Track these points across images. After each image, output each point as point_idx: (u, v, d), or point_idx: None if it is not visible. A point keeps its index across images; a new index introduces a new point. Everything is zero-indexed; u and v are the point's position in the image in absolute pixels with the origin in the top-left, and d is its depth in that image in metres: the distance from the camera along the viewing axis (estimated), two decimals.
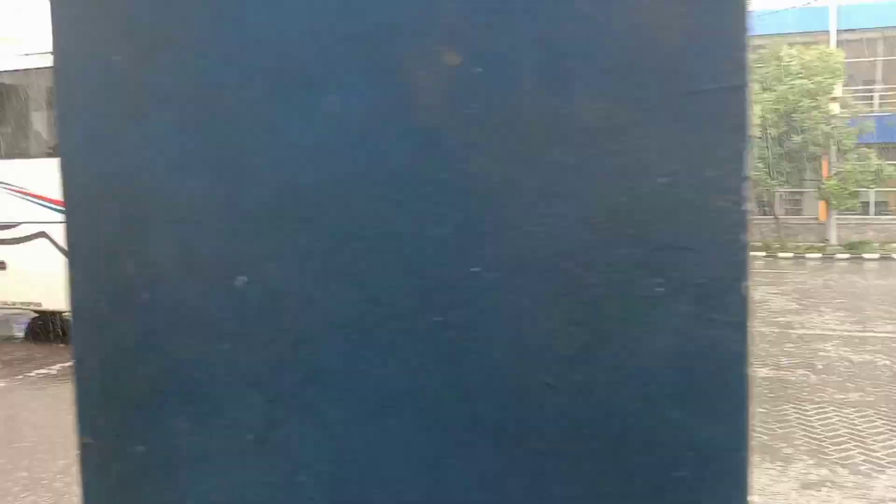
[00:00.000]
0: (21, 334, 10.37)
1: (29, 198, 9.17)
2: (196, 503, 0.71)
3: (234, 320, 0.68)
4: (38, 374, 7.64)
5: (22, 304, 9.59)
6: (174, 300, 0.70)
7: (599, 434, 0.64)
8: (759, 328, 9.04)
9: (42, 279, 8.86)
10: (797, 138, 19.98)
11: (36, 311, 10.17)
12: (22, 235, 9.24)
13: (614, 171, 0.63)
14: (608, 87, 0.63)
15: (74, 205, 0.73)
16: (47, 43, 0.70)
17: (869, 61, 23.24)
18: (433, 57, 0.64)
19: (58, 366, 7.99)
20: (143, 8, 0.69)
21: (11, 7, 14.47)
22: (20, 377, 7.51)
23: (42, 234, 9.13)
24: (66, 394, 6.73)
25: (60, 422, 5.94)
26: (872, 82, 23.52)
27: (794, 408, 6.01)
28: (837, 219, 21.78)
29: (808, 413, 5.86)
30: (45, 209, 9.00)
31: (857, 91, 22.63)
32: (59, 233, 8.46)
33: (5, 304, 9.80)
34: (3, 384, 7.27)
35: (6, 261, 9.43)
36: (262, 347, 0.68)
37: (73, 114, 0.72)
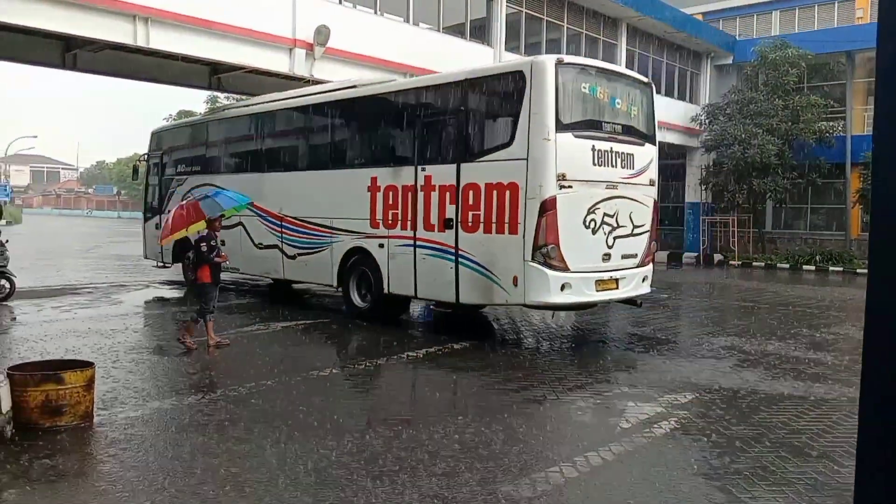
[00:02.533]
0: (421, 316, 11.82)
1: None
2: None
3: None
4: (408, 356, 8.57)
5: (230, 269, 13.04)
6: None
7: None
8: None
9: (241, 254, 13.14)
10: None
11: (273, 280, 13.96)
12: (230, 224, 12.41)
13: None
14: None
15: (887, 205, 0.73)
16: None
17: None
18: None
19: (423, 350, 8.87)
20: None
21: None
22: (394, 357, 8.49)
23: (240, 224, 13.11)
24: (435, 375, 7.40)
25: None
26: None
27: None
28: None
29: None
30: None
31: None
32: (250, 224, 13.01)
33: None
34: (382, 362, 8.28)
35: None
36: None
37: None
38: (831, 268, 23.22)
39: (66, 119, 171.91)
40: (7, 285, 12.40)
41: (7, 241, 12.67)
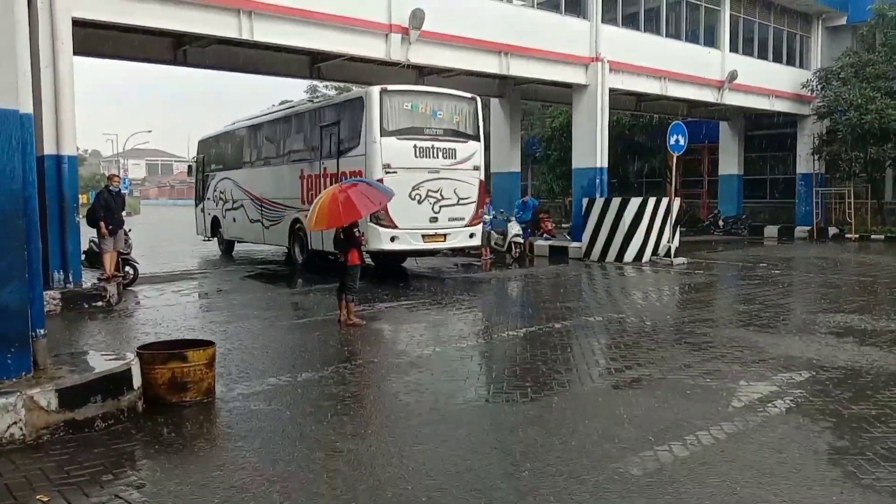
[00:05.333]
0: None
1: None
2: None
3: None
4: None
5: (237, 238, 19.71)
6: None
7: None
8: None
9: (242, 227, 18.74)
10: None
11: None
12: (237, 205, 18.95)
13: None
14: None
15: None
16: None
17: None
18: None
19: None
20: None
21: None
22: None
23: (242, 206, 18.41)
24: None
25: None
26: None
27: None
28: None
29: None
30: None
31: None
32: (246, 204, 18.10)
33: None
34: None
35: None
36: None
37: None
38: None
39: (177, 113, 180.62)
40: (131, 271, 13.23)
41: (130, 230, 13.50)
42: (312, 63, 17.06)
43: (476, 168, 14.21)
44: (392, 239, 13.15)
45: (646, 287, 13.66)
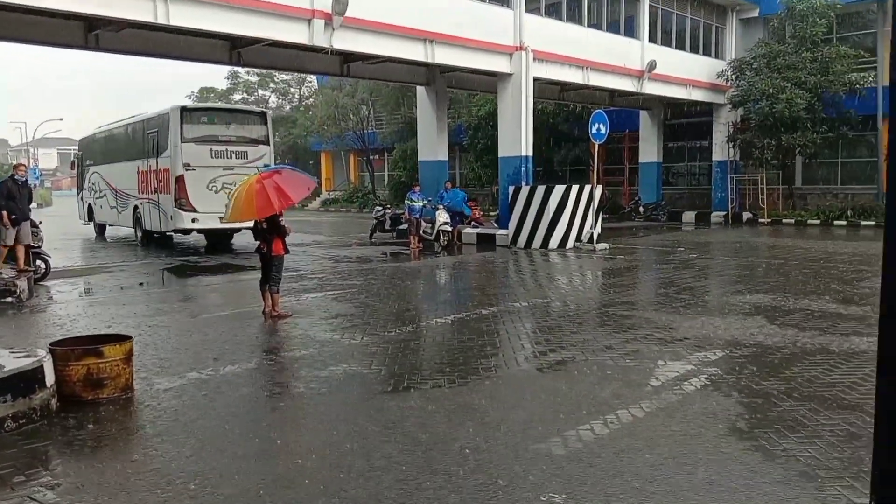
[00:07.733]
0: None
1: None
2: None
3: None
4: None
5: (109, 224, 23.60)
6: None
7: None
8: None
9: (106, 212, 22.88)
10: None
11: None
12: (101, 195, 23.07)
13: None
14: None
15: None
16: None
17: None
18: None
19: (451, 316, 8.92)
20: None
21: None
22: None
23: (105, 195, 22.56)
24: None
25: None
26: None
27: None
28: None
29: None
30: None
31: None
32: (108, 194, 22.41)
33: None
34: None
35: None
36: None
37: None
38: (863, 222, 22.88)
39: (89, 101, 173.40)
40: (42, 266, 12.67)
41: (41, 223, 12.92)
42: (233, 48, 16.65)
43: (266, 166, 16.94)
44: (193, 220, 17.11)
45: (570, 272, 13.94)
